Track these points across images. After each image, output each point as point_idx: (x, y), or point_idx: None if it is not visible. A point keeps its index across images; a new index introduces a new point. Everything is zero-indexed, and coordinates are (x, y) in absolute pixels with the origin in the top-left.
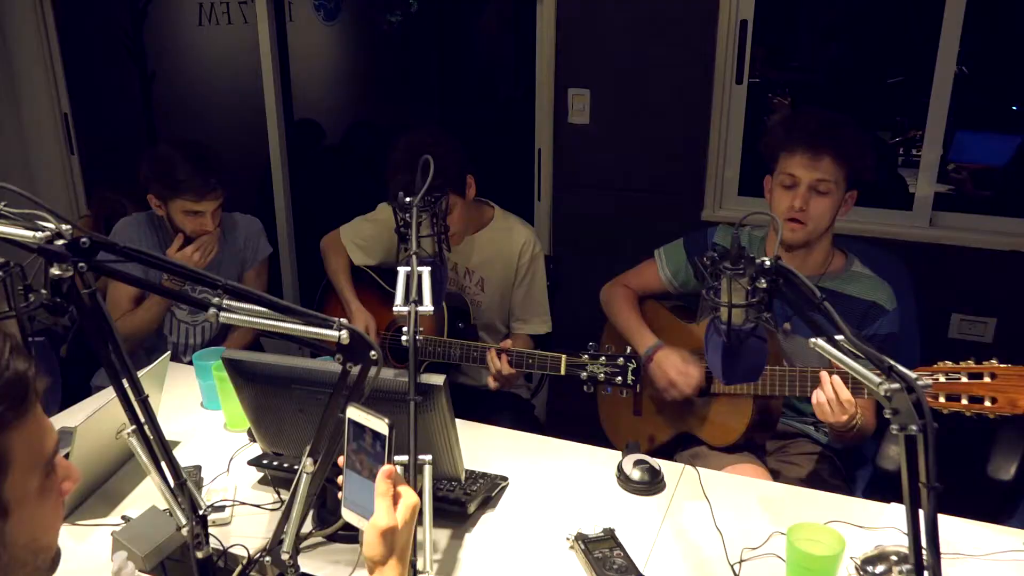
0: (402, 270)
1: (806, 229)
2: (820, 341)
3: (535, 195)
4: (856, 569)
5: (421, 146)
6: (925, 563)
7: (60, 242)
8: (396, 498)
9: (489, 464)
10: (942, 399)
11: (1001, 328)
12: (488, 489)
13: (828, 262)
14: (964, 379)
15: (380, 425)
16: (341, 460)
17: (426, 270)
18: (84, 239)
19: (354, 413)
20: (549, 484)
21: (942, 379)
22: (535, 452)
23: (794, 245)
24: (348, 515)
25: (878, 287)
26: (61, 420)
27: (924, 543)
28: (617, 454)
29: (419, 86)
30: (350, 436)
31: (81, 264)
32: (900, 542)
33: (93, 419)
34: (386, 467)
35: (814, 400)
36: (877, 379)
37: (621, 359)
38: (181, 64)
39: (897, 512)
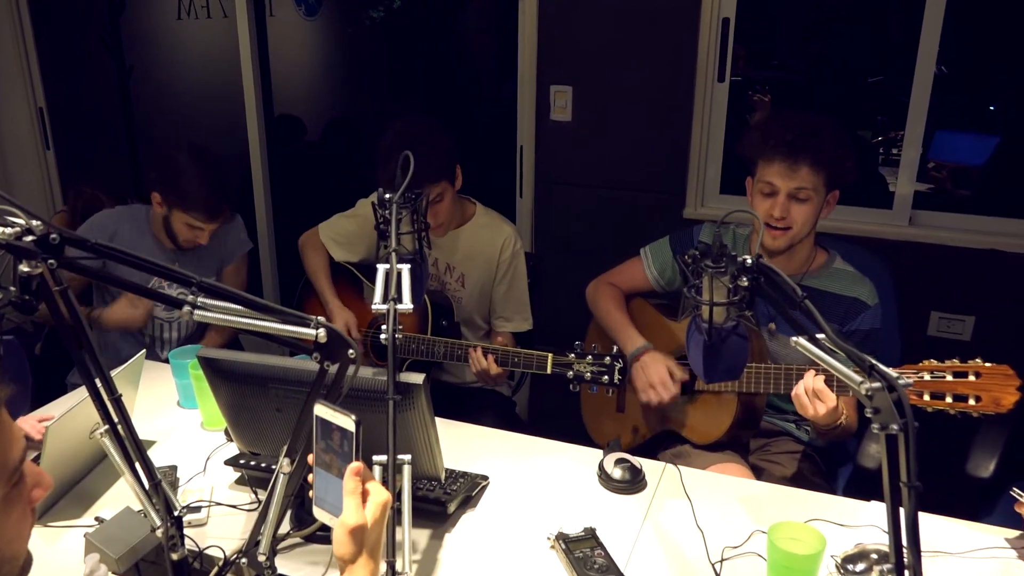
0: (381, 268)
1: (788, 235)
2: (802, 340)
3: (517, 192)
4: (837, 567)
5: (413, 132)
6: (906, 562)
7: (29, 239)
8: (365, 495)
9: (470, 463)
10: (927, 397)
11: (979, 326)
12: (468, 488)
13: (810, 260)
14: (949, 377)
15: (347, 422)
16: (311, 458)
17: (406, 268)
18: (54, 235)
19: (321, 410)
20: (530, 483)
21: (927, 377)
22: (516, 451)
23: (777, 252)
24: (319, 514)
25: (860, 283)
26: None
27: (905, 542)
28: (598, 453)
29: (401, 82)
30: (318, 434)
31: (51, 261)
32: (880, 540)
33: (66, 418)
34: (354, 464)
35: (793, 393)
36: (858, 378)
37: (608, 358)
38: (159, 58)
39: (877, 510)
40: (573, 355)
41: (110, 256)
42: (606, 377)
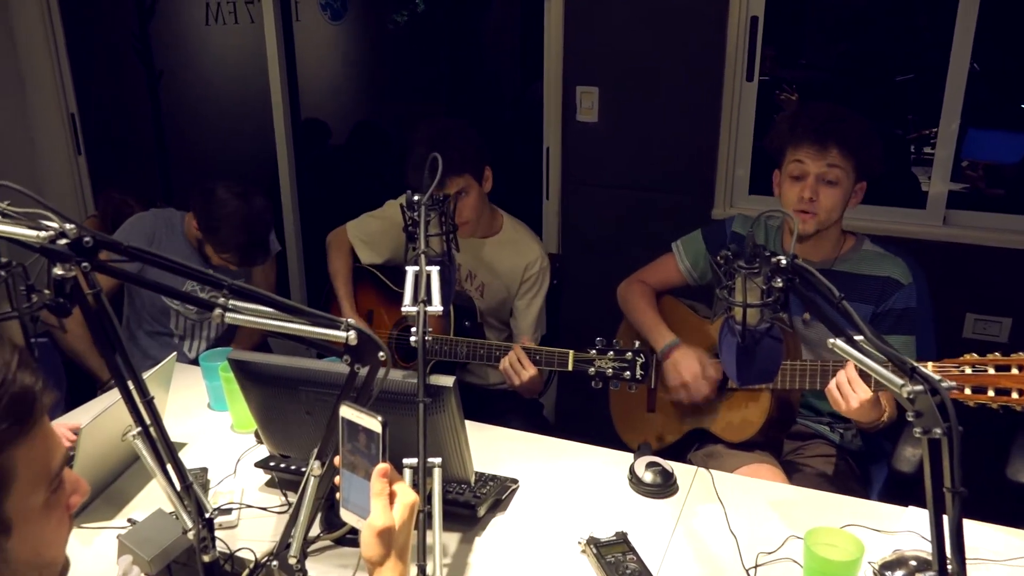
0: (411, 270)
1: (817, 219)
2: (839, 342)
3: (543, 194)
4: (875, 574)
5: (443, 127)
6: (950, 570)
7: (63, 242)
8: (392, 497)
9: (499, 466)
10: (968, 391)
11: (1017, 328)
12: (498, 492)
13: (840, 246)
14: (991, 371)
15: (373, 424)
16: (338, 460)
17: (435, 270)
18: (87, 239)
19: (347, 412)
20: (560, 487)
21: (968, 371)
22: (545, 454)
23: (805, 236)
24: (347, 516)
25: (892, 263)
26: (67, 420)
27: (948, 549)
28: (628, 456)
29: (426, 85)
30: (344, 436)
31: (85, 264)
32: (918, 546)
33: (99, 420)
34: (380, 466)
35: (827, 388)
36: (899, 380)
37: (629, 354)
38: (188, 64)
39: (915, 515)
40: (594, 351)
41: (143, 259)
42: (627, 373)
